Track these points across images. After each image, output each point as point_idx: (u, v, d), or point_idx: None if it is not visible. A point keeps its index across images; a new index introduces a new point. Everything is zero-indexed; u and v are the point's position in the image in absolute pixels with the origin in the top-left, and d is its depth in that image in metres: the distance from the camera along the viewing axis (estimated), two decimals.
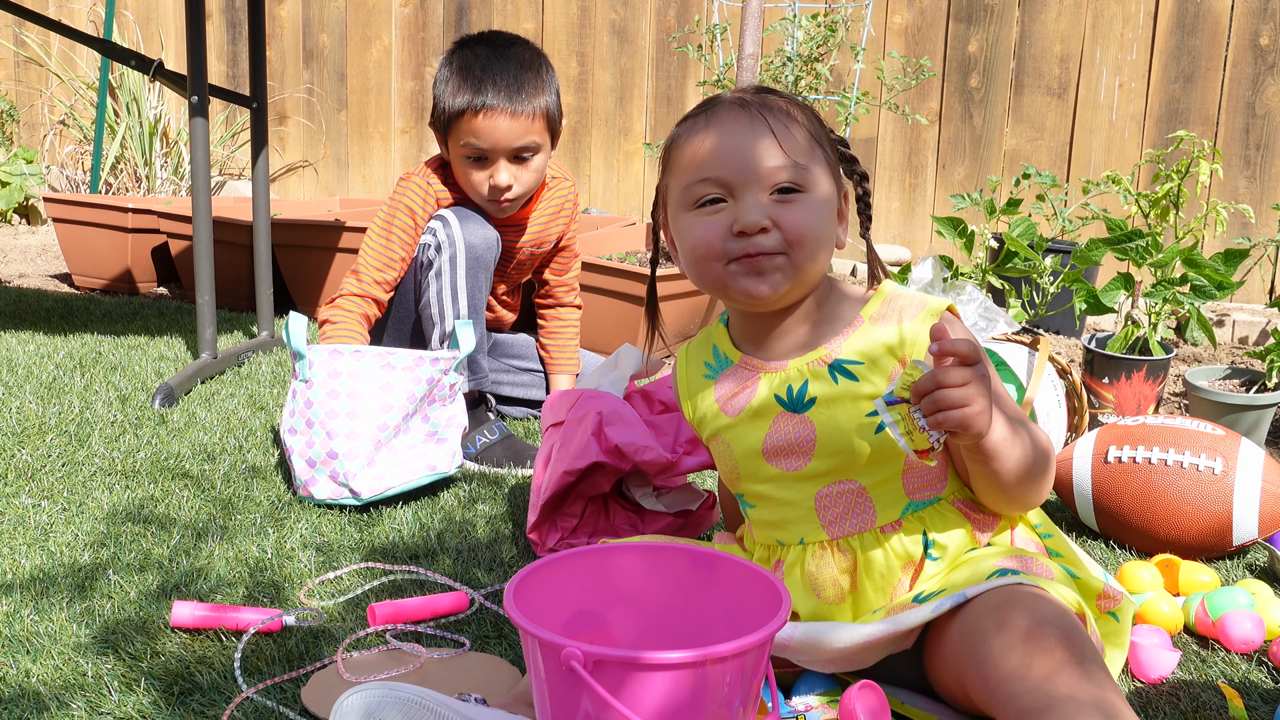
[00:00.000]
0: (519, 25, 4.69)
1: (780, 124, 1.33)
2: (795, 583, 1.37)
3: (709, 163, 1.33)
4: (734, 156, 1.31)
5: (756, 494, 1.41)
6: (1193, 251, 2.54)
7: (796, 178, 1.31)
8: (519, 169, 2.20)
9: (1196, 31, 3.85)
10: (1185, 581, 1.67)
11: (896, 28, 4.21)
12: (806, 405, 1.35)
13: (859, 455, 1.33)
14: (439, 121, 2.20)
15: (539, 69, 2.20)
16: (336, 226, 3.34)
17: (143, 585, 1.61)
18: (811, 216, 1.31)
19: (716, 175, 1.32)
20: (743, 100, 1.35)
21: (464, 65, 2.16)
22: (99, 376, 2.61)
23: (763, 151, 1.31)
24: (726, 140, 1.32)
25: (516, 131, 2.16)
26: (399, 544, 1.79)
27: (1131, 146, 3.96)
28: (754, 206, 1.30)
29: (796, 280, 1.33)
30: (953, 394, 1.17)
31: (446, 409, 2.05)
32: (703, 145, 1.34)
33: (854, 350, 1.34)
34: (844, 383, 1.33)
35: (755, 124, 1.32)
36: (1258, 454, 1.81)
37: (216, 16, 5.12)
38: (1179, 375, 3.00)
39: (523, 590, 1.16)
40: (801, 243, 1.31)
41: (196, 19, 2.54)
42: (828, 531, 1.36)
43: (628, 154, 4.65)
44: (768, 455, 1.37)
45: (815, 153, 1.34)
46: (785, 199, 1.31)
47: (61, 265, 4.20)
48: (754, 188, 1.31)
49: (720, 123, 1.34)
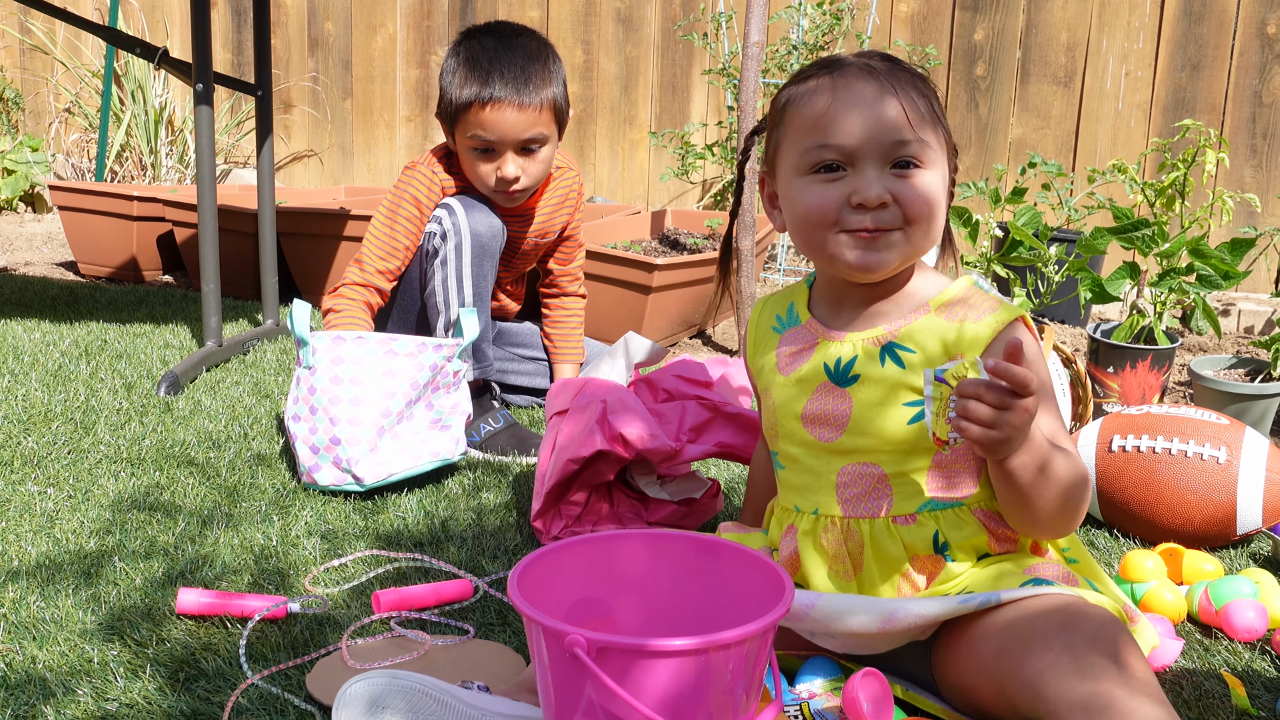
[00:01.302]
0: (524, 13, 4.69)
1: (908, 96, 1.30)
2: (806, 550, 1.37)
3: (831, 129, 1.29)
4: (859, 125, 1.29)
5: (788, 455, 1.41)
6: (1200, 241, 2.54)
7: (919, 153, 1.29)
8: (526, 160, 2.20)
9: (1203, 20, 3.83)
10: (1189, 570, 1.67)
11: (902, 15, 4.20)
12: (850, 380, 1.34)
13: (887, 441, 1.33)
14: (445, 112, 2.19)
15: (546, 60, 2.19)
16: (341, 215, 3.35)
17: (148, 572, 1.61)
18: (930, 192, 1.30)
19: (838, 142, 1.29)
20: (871, 67, 1.31)
21: (471, 56, 2.16)
22: (104, 364, 2.61)
23: (889, 123, 1.28)
24: (852, 108, 1.29)
25: (524, 123, 2.15)
26: (404, 531, 1.79)
27: (1138, 135, 3.95)
28: (875, 179, 1.28)
29: (907, 256, 1.32)
30: (983, 412, 1.16)
31: (451, 396, 2.05)
32: (826, 109, 1.30)
33: (911, 338, 1.33)
34: (891, 367, 1.33)
35: (884, 94, 1.29)
36: (1262, 443, 1.81)
37: (221, 4, 5.11)
38: (1184, 365, 3.00)
39: (526, 578, 1.16)
40: (919, 219, 1.30)
41: (202, 7, 2.54)
42: (842, 509, 1.36)
43: (633, 142, 4.64)
44: (805, 420, 1.37)
45: (936, 128, 1.32)
46: (904, 173, 1.29)
47: (67, 253, 4.20)
48: (876, 159, 1.29)
49: (848, 88, 1.30)
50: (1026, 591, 1.22)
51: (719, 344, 3.22)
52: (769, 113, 1.40)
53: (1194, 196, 3.57)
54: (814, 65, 1.36)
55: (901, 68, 1.33)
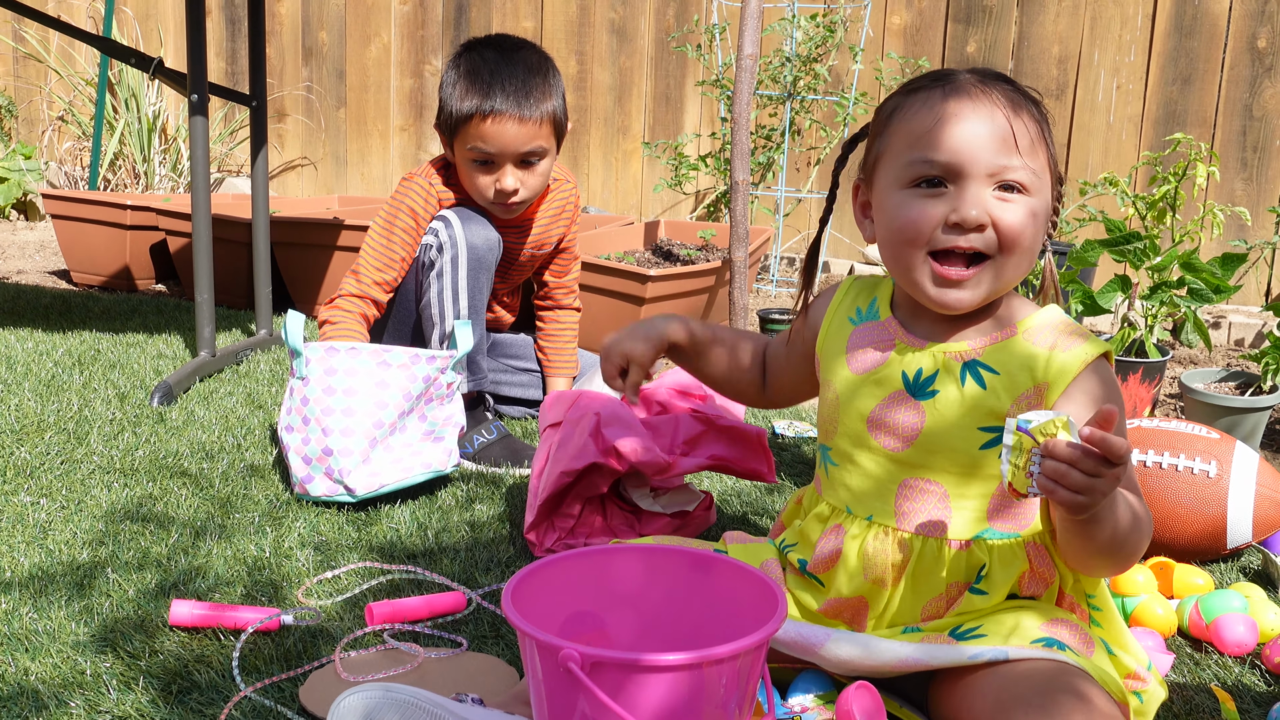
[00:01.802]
0: (518, 23, 4.70)
1: (1020, 121, 1.27)
2: (850, 554, 1.34)
3: (937, 144, 1.26)
4: (966, 144, 1.25)
5: (845, 454, 1.37)
6: (1191, 255, 2.55)
7: (1023, 179, 1.26)
8: (525, 173, 2.20)
9: (1194, 34, 3.86)
10: (1179, 584, 1.68)
11: (895, 28, 4.22)
12: (927, 395, 1.32)
13: (956, 462, 1.30)
14: (445, 124, 2.20)
15: (546, 73, 2.20)
16: (335, 224, 3.35)
17: (141, 584, 1.61)
18: (1029, 220, 1.27)
19: (944, 159, 1.26)
20: (983, 85, 1.28)
21: (472, 69, 2.16)
22: (98, 374, 2.61)
23: (998, 145, 1.25)
24: (961, 124, 1.26)
25: (524, 136, 2.16)
26: (397, 543, 1.80)
27: (1129, 148, 3.97)
28: (976, 200, 1.25)
29: (996, 289, 1.29)
30: (1077, 480, 1.10)
31: (444, 408, 2.06)
32: (934, 123, 1.27)
33: (996, 359, 1.30)
34: (971, 386, 1.30)
35: (995, 115, 1.26)
36: (1252, 457, 1.82)
37: (215, 13, 5.12)
38: (1175, 377, 3.01)
39: (521, 591, 1.17)
40: (1014, 247, 1.26)
41: (197, 17, 2.54)
42: (897, 521, 1.33)
43: (626, 153, 4.65)
44: (871, 425, 1.34)
45: (1042, 154, 1.29)
46: (1006, 197, 1.26)
47: (60, 261, 4.20)
48: (980, 180, 1.25)
49: (959, 104, 1.27)
50: (1035, 652, 1.20)
51: None
52: (873, 120, 1.37)
53: (1185, 210, 3.59)
54: (925, 76, 1.33)
55: (1017, 89, 1.30)
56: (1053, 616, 1.28)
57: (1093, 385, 1.28)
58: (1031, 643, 1.22)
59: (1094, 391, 1.28)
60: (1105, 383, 1.29)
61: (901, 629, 1.33)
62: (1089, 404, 1.27)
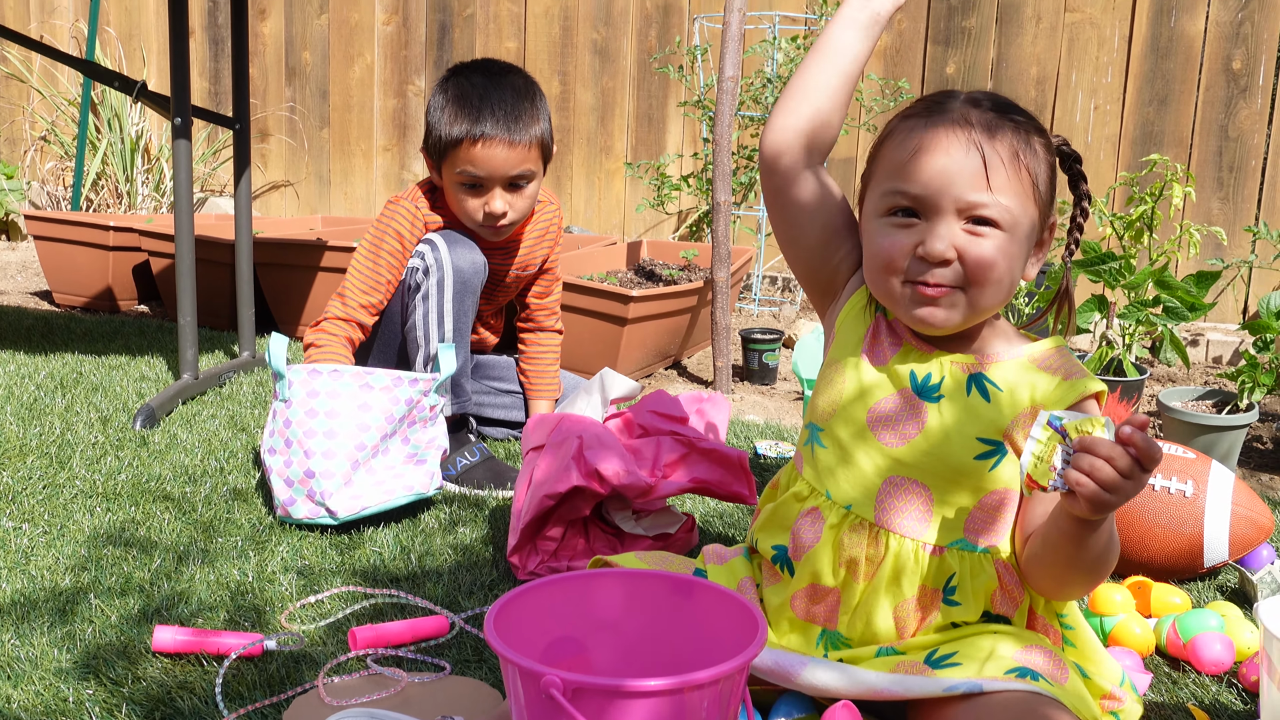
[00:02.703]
0: (501, 44, 4.72)
1: (996, 154, 1.27)
2: (826, 542, 1.36)
3: (910, 176, 1.28)
4: (936, 178, 1.27)
5: (836, 439, 1.38)
6: (1164, 273, 2.58)
7: (995, 214, 1.27)
8: (514, 196, 2.22)
9: (1170, 55, 3.90)
10: (1157, 603, 1.69)
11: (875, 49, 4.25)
12: (933, 398, 1.33)
13: (949, 468, 1.32)
14: (434, 148, 2.21)
15: (534, 98, 2.22)
16: (319, 245, 3.36)
17: (124, 609, 1.61)
18: (999, 256, 1.27)
19: (915, 191, 1.28)
20: (967, 117, 1.29)
21: (460, 94, 2.18)
22: (80, 397, 2.61)
23: (967, 181, 1.26)
24: (934, 158, 1.27)
25: (513, 160, 2.18)
26: (380, 567, 1.80)
27: (1107, 168, 4.00)
28: (943, 234, 1.27)
29: (970, 317, 1.31)
30: (1109, 476, 1.13)
31: (427, 431, 2.06)
32: (910, 154, 1.29)
33: (1002, 376, 1.33)
34: (975, 398, 1.32)
35: (970, 150, 1.27)
36: (1228, 476, 1.84)
37: (199, 33, 5.13)
38: (1154, 395, 3.04)
39: (503, 617, 1.17)
40: (982, 281, 1.28)
41: (180, 40, 2.55)
42: (876, 516, 1.34)
43: (609, 172, 4.67)
44: (871, 416, 1.36)
45: (1026, 187, 1.29)
46: (976, 230, 1.27)
47: (42, 282, 4.20)
48: (948, 214, 1.27)
49: (935, 137, 1.28)
50: (1009, 684, 1.21)
51: (695, 375, 3.24)
52: (874, 143, 1.38)
53: (1162, 229, 3.62)
54: (921, 101, 1.34)
55: (1007, 118, 1.30)
56: (1028, 643, 1.29)
57: None
58: (1006, 672, 1.23)
59: None
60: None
61: (877, 650, 1.34)
62: None
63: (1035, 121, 1.33)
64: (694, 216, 4.49)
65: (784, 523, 1.42)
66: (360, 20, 4.91)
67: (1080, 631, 1.37)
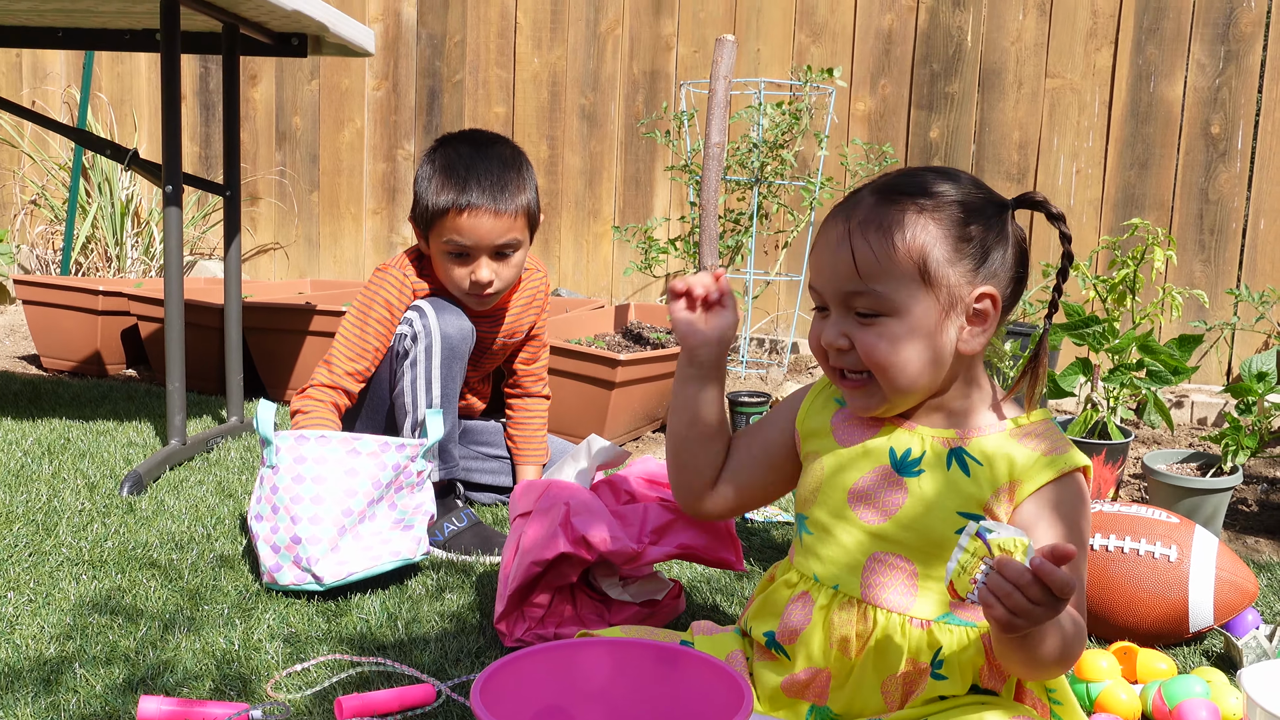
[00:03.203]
0: (490, 109, 4.77)
1: (866, 244, 1.29)
2: (817, 624, 1.37)
3: (812, 270, 1.37)
4: (821, 273, 1.35)
5: (820, 524, 1.40)
6: (1148, 337, 2.60)
7: (872, 305, 1.30)
8: (500, 265, 2.24)
9: (1150, 120, 3.96)
10: (1143, 669, 1.69)
11: (860, 114, 4.31)
12: (912, 473, 1.35)
13: (930, 543, 1.33)
14: (421, 217, 2.23)
15: (520, 167, 2.25)
16: (307, 310, 3.37)
17: (109, 679, 1.61)
18: (885, 343, 1.30)
19: (814, 284, 1.36)
20: (854, 209, 1.33)
21: (447, 164, 2.21)
22: (67, 463, 2.61)
23: (842, 274, 1.32)
24: (820, 254, 1.35)
25: (499, 229, 2.20)
26: (367, 634, 1.80)
27: (1089, 231, 4.05)
28: (834, 324, 1.34)
29: (894, 400, 1.34)
30: (1018, 602, 1.11)
31: (414, 496, 2.07)
32: (814, 248, 1.38)
33: (982, 450, 1.33)
34: (956, 472, 1.33)
35: (842, 243, 1.32)
36: (1211, 541, 1.85)
37: (190, 99, 5.18)
38: (1139, 457, 3.05)
39: (489, 686, 1.18)
40: (880, 367, 1.31)
41: (172, 109, 2.58)
42: (863, 592, 1.35)
43: (597, 235, 4.71)
44: (852, 496, 1.37)
45: (908, 270, 1.29)
46: (865, 321, 1.31)
47: (30, 346, 4.20)
48: (837, 306, 1.33)
49: (823, 232, 1.36)
50: None
51: None
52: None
53: (1145, 292, 3.66)
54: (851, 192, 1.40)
55: (896, 203, 1.30)
56: (1014, 714, 1.29)
57: (1061, 496, 1.31)
58: None
59: (1061, 503, 1.31)
60: (1073, 498, 1.32)
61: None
62: (1051, 513, 1.30)
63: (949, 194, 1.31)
64: None
65: (775, 609, 1.43)
66: (350, 86, 4.96)
67: (1069, 706, 1.37)
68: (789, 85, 4.26)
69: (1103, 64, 4.00)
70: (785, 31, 4.37)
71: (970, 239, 1.30)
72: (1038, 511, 1.30)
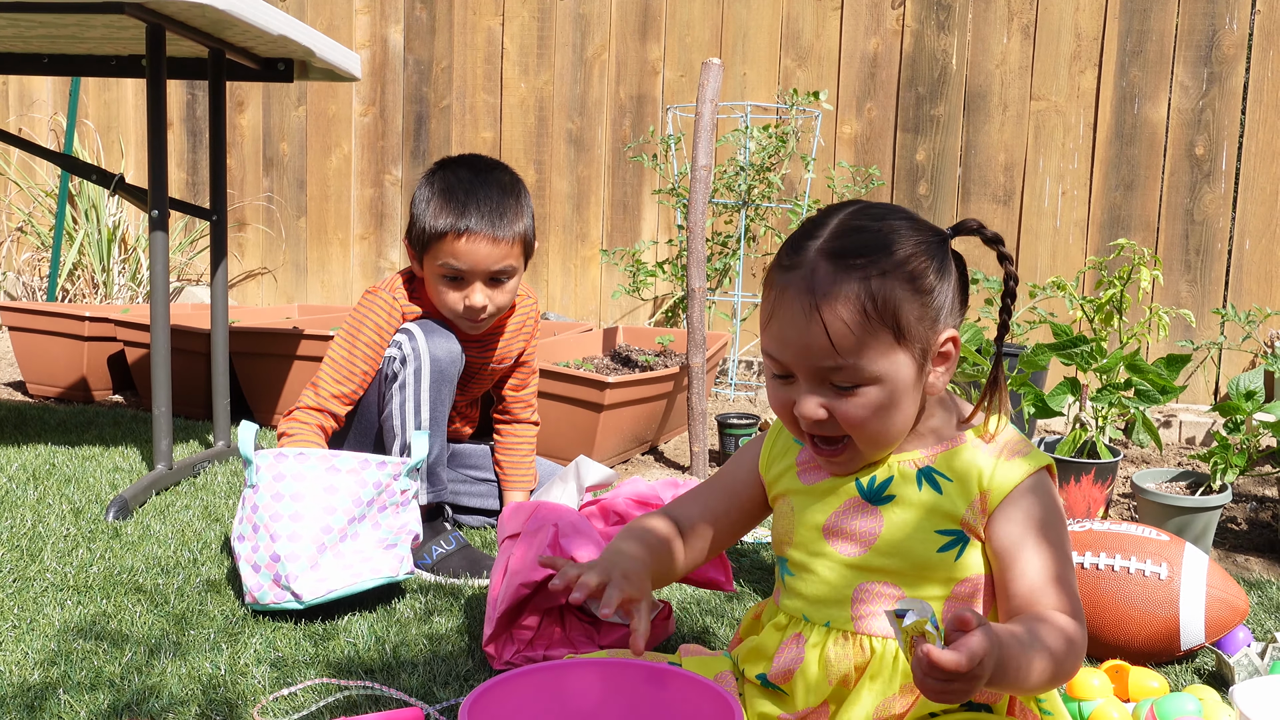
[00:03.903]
0: (478, 134, 4.78)
1: (840, 319, 1.24)
2: (811, 663, 1.35)
3: (770, 341, 1.30)
4: (788, 349, 1.28)
5: (800, 564, 1.39)
6: (1135, 357, 2.61)
7: (852, 378, 1.26)
8: (494, 291, 2.24)
9: (1135, 141, 3.98)
10: (1135, 687, 1.69)
11: (846, 138, 4.32)
12: (884, 500, 1.34)
13: (914, 565, 1.32)
14: (418, 240, 2.23)
15: (519, 195, 2.25)
16: (295, 334, 3.36)
17: (94, 705, 1.59)
18: (868, 412, 1.28)
19: (777, 356, 1.30)
20: (810, 279, 1.26)
21: (446, 188, 2.21)
22: (52, 489, 2.59)
23: (817, 353, 1.26)
24: (784, 329, 1.28)
25: (496, 256, 2.20)
26: (354, 658, 1.78)
27: (1076, 251, 4.06)
28: (810, 398, 1.28)
29: (870, 454, 1.33)
30: (933, 686, 1.10)
31: (399, 516, 2.05)
32: (767, 317, 1.30)
33: (949, 465, 1.33)
34: (928, 491, 1.33)
35: (812, 321, 1.25)
36: (1201, 559, 1.84)
37: (177, 125, 5.18)
38: (1128, 476, 3.05)
39: (478, 708, 1.17)
40: (862, 430, 1.29)
41: (158, 135, 2.58)
42: (855, 625, 1.34)
43: (585, 259, 4.71)
44: (827, 533, 1.36)
45: (884, 338, 1.26)
46: (846, 392, 1.27)
47: (15, 373, 4.18)
48: (808, 378, 1.28)
49: (784, 303, 1.27)
50: None
51: (671, 460, 3.24)
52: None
53: (1132, 312, 3.67)
54: (787, 244, 1.32)
55: (854, 268, 1.25)
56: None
57: (1029, 501, 1.31)
58: None
59: (1030, 508, 1.31)
60: (1042, 498, 1.32)
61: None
62: (1023, 519, 1.30)
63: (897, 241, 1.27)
64: (669, 302, 4.52)
65: (767, 653, 1.42)
66: (337, 112, 4.96)
67: (1058, 717, 1.37)
68: (775, 109, 4.28)
69: (1087, 86, 4.02)
70: (771, 55, 4.38)
71: (930, 290, 1.28)
72: (1009, 518, 1.30)
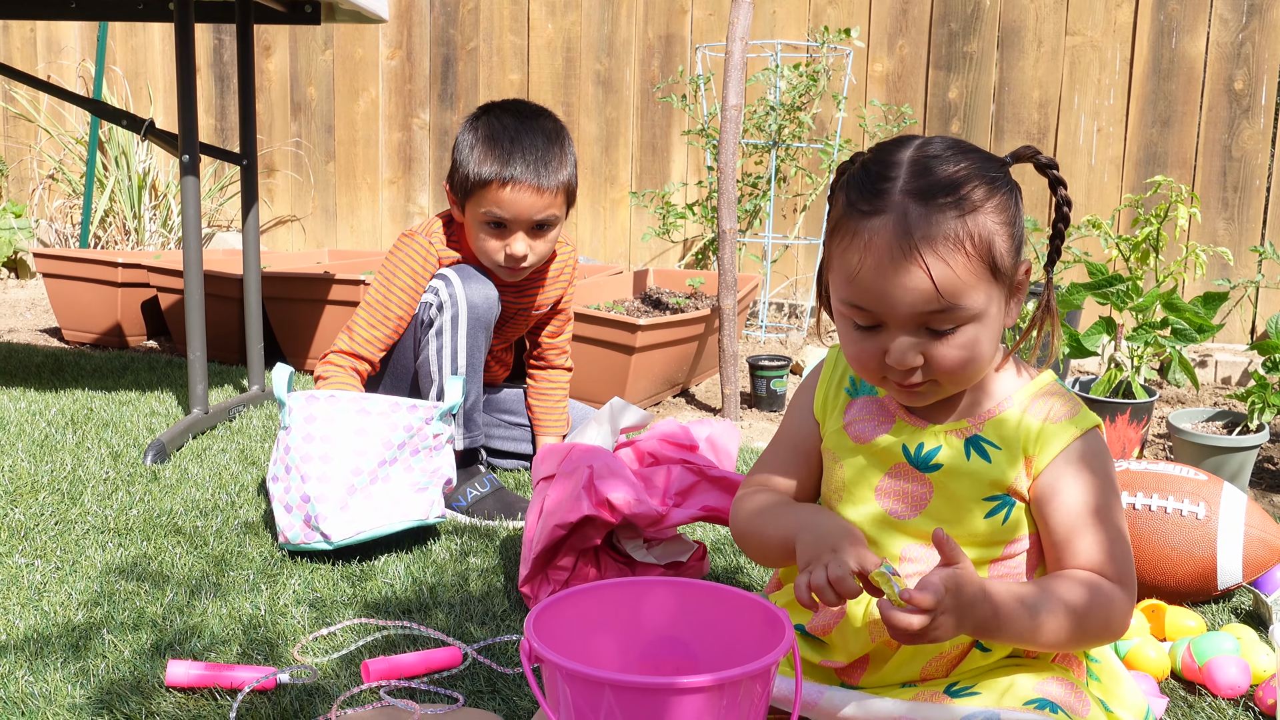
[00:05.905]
0: (505, 76, 4.75)
1: (938, 254, 1.20)
2: (856, 616, 1.34)
3: (861, 293, 1.23)
4: (883, 295, 1.22)
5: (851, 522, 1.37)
6: (1172, 295, 2.58)
7: (953, 319, 1.22)
8: (535, 240, 2.22)
9: (1172, 77, 3.91)
10: (1171, 627, 1.68)
11: (878, 76, 4.27)
12: (931, 468, 1.32)
13: (963, 530, 1.31)
14: (460, 186, 2.21)
15: (563, 143, 2.22)
16: (326, 279, 3.37)
17: (137, 644, 1.61)
18: (965, 351, 1.24)
19: (867, 306, 1.24)
20: (905, 222, 1.20)
21: (491, 134, 2.18)
22: (91, 433, 2.62)
23: (920, 299, 1.21)
24: (877, 273, 1.21)
25: (540, 205, 2.18)
26: (392, 599, 1.80)
27: (1111, 190, 4.01)
28: (904, 346, 1.23)
29: (950, 391, 1.30)
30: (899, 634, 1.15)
31: (432, 460, 2.06)
32: (856, 266, 1.23)
33: (997, 432, 1.31)
34: (976, 460, 1.31)
35: (910, 261, 1.20)
36: (1240, 498, 1.83)
37: (204, 70, 5.16)
38: (1163, 417, 3.03)
39: (543, 620, 1.21)
40: (954, 375, 1.26)
41: (187, 78, 2.57)
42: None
43: (614, 202, 4.69)
44: (879, 493, 1.35)
45: (983, 272, 1.22)
46: (939, 333, 1.23)
47: (51, 319, 4.21)
48: (905, 325, 1.23)
49: (874, 248, 1.21)
50: (1028, 716, 1.20)
51: (702, 402, 3.24)
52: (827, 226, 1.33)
53: (1168, 250, 3.63)
54: (861, 179, 1.26)
55: (944, 207, 1.21)
56: (1047, 675, 1.28)
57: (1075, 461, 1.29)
58: (1025, 704, 1.22)
59: (1077, 467, 1.29)
60: (1090, 457, 1.30)
61: (900, 684, 1.33)
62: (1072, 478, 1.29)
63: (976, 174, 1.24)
64: (699, 244, 4.50)
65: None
66: (364, 55, 4.94)
67: (1106, 665, 1.36)
68: (806, 47, 4.23)
69: (1123, 20, 3.95)
70: None
71: (1013, 220, 1.27)
72: (1056, 480, 1.29)
